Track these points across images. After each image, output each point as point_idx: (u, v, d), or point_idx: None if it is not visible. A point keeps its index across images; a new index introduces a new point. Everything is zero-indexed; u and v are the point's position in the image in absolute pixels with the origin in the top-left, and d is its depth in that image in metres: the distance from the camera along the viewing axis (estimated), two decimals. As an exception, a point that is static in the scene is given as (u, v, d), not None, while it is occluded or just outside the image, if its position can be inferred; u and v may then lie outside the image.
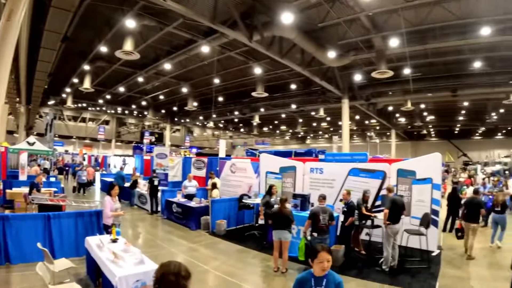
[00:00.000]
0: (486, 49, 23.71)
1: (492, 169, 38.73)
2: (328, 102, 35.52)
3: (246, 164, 17.20)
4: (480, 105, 42.23)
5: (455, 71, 27.98)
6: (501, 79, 28.31)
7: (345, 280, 8.51)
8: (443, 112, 48.07)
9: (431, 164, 11.97)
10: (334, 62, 23.90)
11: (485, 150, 61.82)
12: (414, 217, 11.65)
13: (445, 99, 35.10)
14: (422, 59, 25.42)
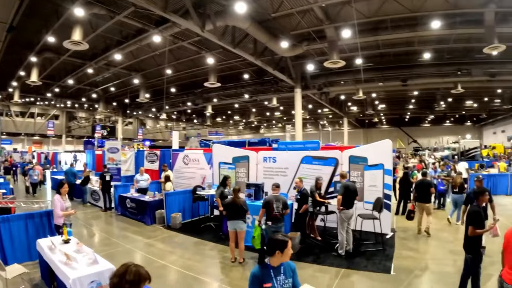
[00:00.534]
0: (435, 41, 24.60)
1: (441, 154, 40.11)
2: (281, 91, 35.66)
3: (199, 155, 16.97)
4: (430, 94, 44.06)
5: (405, 61, 28.80)
6: (449, 70, 29.44)
7: (302, 267, 8.72)
8: (394, 100, 49.61)
9: (382, 150, 12.25)
10: (287, 52, 23.90)
11: (434, 137, 64.83)
12: (367, 201, 11.95)
13: (396, 88, 35.92)
14: (374, 50, 26.02)
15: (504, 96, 46.00)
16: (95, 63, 28.88)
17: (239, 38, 21.97)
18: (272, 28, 21.47)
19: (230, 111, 60.24)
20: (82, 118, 60.24)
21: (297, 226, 11.02)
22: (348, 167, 12.64)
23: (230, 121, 70.38)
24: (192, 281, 8.26)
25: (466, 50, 27.21)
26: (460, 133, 61.81)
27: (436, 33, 21.91)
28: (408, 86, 33.26)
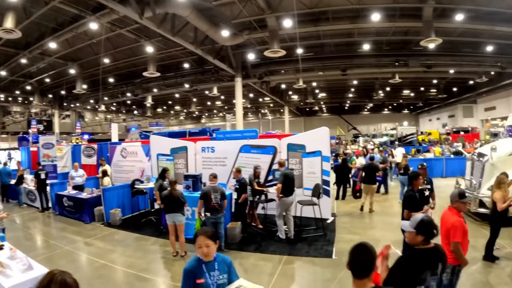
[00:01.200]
0: (375, 33, 25.36)
1: (379, 141, 41.38)
2: (221, 80, 35.24)
3: (136, 147, 16.60)
4: (369, 84, 45.41)
5: (345, 52, 29.45)
6: (388, 61, 30.62)
7: (245, 256, 8.71)
8: (334, 89, 50.75)
9: (320, 138, 12.50)
10: (227, 41, 23.68)
11: (373, 124, 67.13)
12: (306, 188, 12.19)
13: (336, 77, 36.75)
14: (315, 40, 26.29)
15: (439, 86, 48.35)
16: (29, 52, 27.22)
17: (179, 26, 21.45)
18: (213, 16, 21.15)
19: (170, 101, 59.12)
20: (17, 113, 56.71)
21: (238, 215, 10.96)
22: (287, 155, 12.79)
23: (171, 111, 69.17)
24: (134, 279, 7.99)
25: (404, 42, 28.44)
26: (397, 120, 64.06)
27: (376, 26, 22.65)
28: (347, 75, 34.20)
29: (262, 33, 22.89)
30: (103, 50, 26.30)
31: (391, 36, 26.13)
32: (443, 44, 23.62)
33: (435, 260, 3.91)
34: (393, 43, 28.57)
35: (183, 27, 21.60)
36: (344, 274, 7.52)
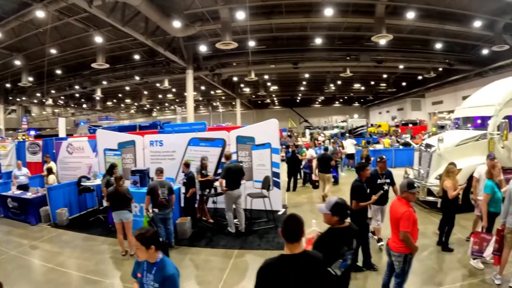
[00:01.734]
0: (327, 27, 25.62)
1: (330, 133, 41.97)
2: (173, 73, 34.71)
3: (83, 143, 15.87)
4: (320, 77, 46.13)
5: (297, 45, 29.64)
6: (339, 55, 31.17)
7: (195, 252, 8.58)
8: (286, 82, 51.15)
9: (269, 130, 12.54)
10: (179, 32, 23.23)
11: (324, 116, 68.11)
12: (256, 181, 12.18)
13: (288, 70, 36.96)
14: (267, 33, 26.29)
15: (389, 81, 49.87)
16: (-29, 42, 25.99)
17: (130, 16, 20.84)
18: (165, 6, 20.71)
19: (121, 94, 57.59)
20: (-39, 110, 54.06)
21: (187, 210, 10.80)
22: (236, 148, 12.77)
23: (121, 105, 67.30)
24: (83, 282, 7.65)
25: (356, 37, 28.95)
26: (348, 113, 65.37)
27: (329, 20, 23.07)
28: (299, 68, 34.53)
29: (215, 24, 22.71)
30: (50, 40, 25.18)
31: (343, 31, 26.59)
32: (394, 40, 24.51)
33: (350, 237, 4.36)
34: (345, 38, 29.03)
35: (133, 17, 21.03)
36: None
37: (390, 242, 5.68)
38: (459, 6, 22.16)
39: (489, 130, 12.18)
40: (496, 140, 12.00)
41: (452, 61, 34.03)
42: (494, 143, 11.98)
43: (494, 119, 12.20)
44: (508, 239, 6.50)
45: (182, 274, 7.51)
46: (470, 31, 25.77)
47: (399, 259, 5.48)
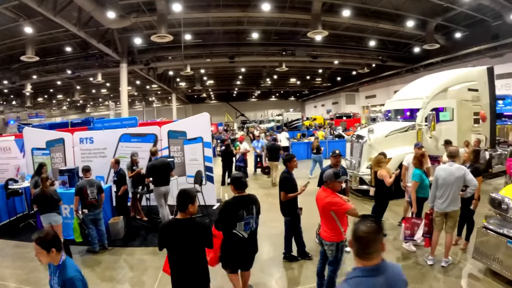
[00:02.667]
0: (264, 22, 25.81)
1: (266, 126, 42.51)
2: (106, 66, 33.14)
3: (10, 142, 14.65)
4: (256, 72, 46.39)
5: (234, 40, 29.53)
6: (275, 50, 31.55)
7: (130, 252, 8.49)
8: (222, 76, 50.90)
9: (200, 124, 12.60)
10: (114, 24, 22.23)
11: (260, 110, 68.35)
12: (189, 176, 12.18)
13: (224, 65, 36.78)
14: (204, 26, 26.00)
15: (324, 76, 51.24)
16: None
17: (62, 5, 19.63)
18: (99, -4, 19.86)
19: (52, 90, 53.89)
20: None
21: (119, 209, 10.43)
22: (168, 143, 12.67)
23: (53, 101, 63.39)
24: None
25: (292, 33, 29.40)
26: (284, 107, 66.20)
27: (266, 15, 23.13)
28: (235, 63, 34.35)
29: (151, 16, 22.13)
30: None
31: (280, 26, 26.80)
32: (329, 36, 25.12)
33: (248, 202, 5.57)
34: (281, 33, 29.30)
35: (66, 6, 19.89)
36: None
37: (322, 232, 5.80)
38: (394, 6, 23.22)
39: (418, 121, 13.33)
40: (424, 131, 13.18)
41: (385, 58, 35.78)
42: (422, 133, 13.12)
43: (422, 111, 13.41)
44: (437, 222, 7.07)
45: (117, 277, 7.47)
46: (403, 30, 27.22)
47: (332, 248, 5.63)
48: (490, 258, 6.40)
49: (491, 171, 14.83)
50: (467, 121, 14.01)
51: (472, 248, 7.01)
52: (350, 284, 2.56)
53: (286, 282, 7.02)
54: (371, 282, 2.54)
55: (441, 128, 13.35)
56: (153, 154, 10.66)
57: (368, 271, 2.58)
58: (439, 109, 13.62)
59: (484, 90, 14.75)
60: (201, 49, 30.40)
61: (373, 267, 2.59)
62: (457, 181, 6.74)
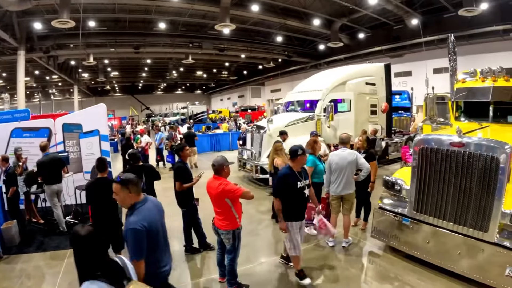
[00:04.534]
0: (173, 13, 25.38)
1: (170, 119, 42.20)
2: (2, 54, 30.23)
3: None
4: (162, 63, 45.74)
5: (140, 29, 28.55)
6: (182, 41, 31.12)
7: (26, 259, 7.89)
8: (127, 68, 49.12)
9: (97, 116, 12.03)
10: (13, 5, 19.80)
11: (166, 103, 67.32)
12: (86, 172, 11.54)
13: (129, 55, 35.56)
14: (110, 13, 24.77)
15: (231, 69, 51.89)
16: None
17: None
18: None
19: None
20: None
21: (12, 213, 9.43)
22: (63, 136, 11.84)
23: None
24: None
25: (200, 25, 29.22)
26: (190, 100, 65.29)
27: (174, 5, 22.81)
28: (140, 53, 33.36)
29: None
30: None
31: (188, 18, 26.39)
32: (237, 30, 25.39)
33: (140, 170, 7.17)
34: (189, 24, 28.89)
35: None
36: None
37: (216, 221, 5.79)
38: (303, 4, 23.97)
39: (317, 112, 14.15)
40: (323, 121, 14.08)
41: (291, 53, 37.10)
42: (321, 123, 13.95)
43: (321, 102, 14.26)
44: (334, 205, 7.52)
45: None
46: (309, 28, 28.31)
47: (228, 236, 5.68)
48: (388, 236, 6.98)
49: (388, 158, 16.60)
50: (365, 112, 15.30)
51: (371, 228, 7.46)
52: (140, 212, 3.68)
53: (188, 274, 6.97)
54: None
55: (339, 118, 14.46)
56: (42, 150, 9.79)
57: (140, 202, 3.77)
58: (338, 101, 14.79)
59: (381, 85, 16.24)
60: (106, 38, 28.94)
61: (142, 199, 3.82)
62: (350, 165, 7.19)
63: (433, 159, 6.19)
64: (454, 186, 5.92)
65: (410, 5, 24.02)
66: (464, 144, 5.74)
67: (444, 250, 6.10)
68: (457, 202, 5.91)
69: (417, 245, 6.50)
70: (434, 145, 6.17)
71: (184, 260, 7.49)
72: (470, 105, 8.43)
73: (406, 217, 6.67)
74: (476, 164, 5.62)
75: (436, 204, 6.21)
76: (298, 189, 5.88)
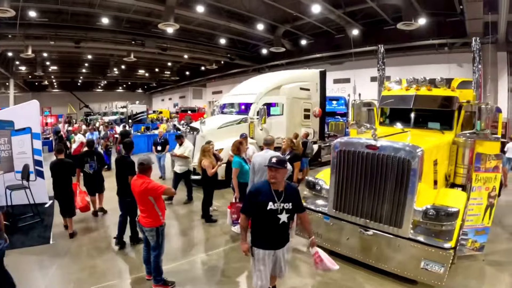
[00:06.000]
0: (117, 8, 24.79)
1: (109, 118, 41.16)
2: None
3: None
4: (104, 60, 44.31)
5: (82, 23, 27.53)
6: (124, 38, 30.52)
7: None
8: (66, 63, 47.09)
9: (29, 113, 11.65)
10: None
11: (106, 102, 65.39)
12: (17, 171, 10.97)
13: (69, 49, 34.13)
14: (52, 4, 23.79)
15: (173, 69, 51.42)
16: None
17: None
18: None
19: None
20: None
21: None
22: None
23: None
24: None
25: (144, 22, 28.73)
26: (131, 99, 64.08)
27: (120, 0, 22.42)
28: (81, 48, 32.34)
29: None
30: None
31: (132, 14, 25.98)
32: (181, 30, 25.47)
33: (86, 156, 9.67)
34: (133, 21, 28.43)
35: None
36: (65, 258, 7.58)
37: (141, 218, 6.02)
38: (247, 8, 24.29)
39: (250, 115, 14.71)
40: (256, 124, 14.64)
41: (234, 56, 37.59)
42: (254, 126, 14.43)
43: (254, 105, 14.71)
44: None
45: None
46: (253, 32, 28.57)
47: (152, 233, 5.91)
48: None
49: (321, 160, 17.43)
50: (298, 116, 16.20)
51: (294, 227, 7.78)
52: None
53: (118, 272, 7.06)
54: None
55: (271, 121, 15.06)
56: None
57: None
58: (272, 104, 15.23)
59: (316, 90, 17.21)
60: (46, 30, 27.57)
61: None
62: None
63: (350, 161, 6.69)
64: (370, 186, 6.47)
65: (352, 16, 25.04)
66: (378, 147, 6.27)
67: (363, 246, 6.60)
68: (373, 200, 6.44)
69: (338, 242, 6.98)
70: (351, 147, 6.71)
71: (115, 255, 7.71)
72: (395, 111, 9.18)
73: (326, 215, 7.17)
74: (389, 165, 6.15)
75: (354, 202, 6.72)
76: (268, 211, 4.65)
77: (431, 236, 5.91)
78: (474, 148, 7.66)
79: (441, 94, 8.49)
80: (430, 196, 6.46)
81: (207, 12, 23.86)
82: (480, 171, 6.93)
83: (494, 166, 6.96)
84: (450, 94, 8.41)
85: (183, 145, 11.77)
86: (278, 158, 4.79)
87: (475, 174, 6.96)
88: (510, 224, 9.74)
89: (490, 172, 6.96)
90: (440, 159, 7.27)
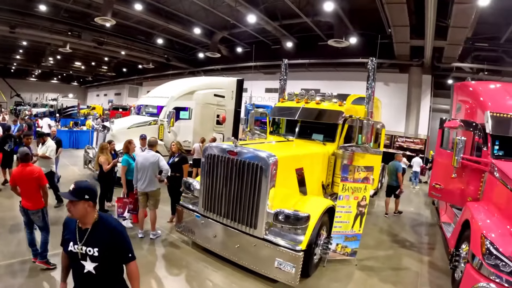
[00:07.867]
0: None
1: (38, 111, 39.80)
2: None
3: None
4: (39, 48, 42.75)
5: (19, 7, 26.84)
6: (62, 28, 30.03)
7: None
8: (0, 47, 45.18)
9: None
10: None
11: (39, 92, 62.49)
12: None
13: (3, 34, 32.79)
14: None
15: (110, 65, 51.45)
16: None
17: None
18: None
19: None
20: None
21: None
22: None
23: None
24: None
25: (83, 14, 28.30)
26: (66, 91, 63.13)
27: None
28: (16, 34, 31.33)
29: None
30: None
31: (72, 4, 25.57)
32: (119, 26, 25.64)
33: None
34: (72, 11, 27.86)
35: None
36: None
37: (25, 204, 6.38)
38: (187, 12, 24.99)
39: (161, 117, 15.48)
40: (165, 126, 15.31)
41: (171, 57, 38.47)
42: (163, 128, 15.27)
43: (165, 108, 15.59)
44: (141, 201, 8.46)
45: None
46: (191, 35, 29.22)
47: (38, 215, 6.41)
48: (187, 230, 8.01)
49: None
50: (210, 121, 16.92)
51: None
52: None
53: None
54: None
55: (180, 125, 15.80)
56: None
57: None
58: (185, 109, 16.03)
59: (231, 98, 18.01)
60: None
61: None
62: (151, 165, 8.21)
63: (214, 164, 7.35)
64: (230, 188, 7.09)
65: (287, 29, 26.15)
66: (237, 153, 6.93)
67: (226, 243, 7.18)
68: (233, 202, 7.06)
69: (208, 238, 7.53)
70: (216, 152, 7.33)
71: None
72: (286, 122, 10.09)
73: (198, 214, 7.75)
74: (246, 170, 6.82)
75: (218, 203, 7.34)
76: (70, 253, 3.36)
77: (283, 237, 6.47)
78: (353, 160, 8.36)
79: (327, 108, 9.39)
80: (292, 201, 7.22)
81: (146, 10, 24.16)
82: (347, 181, 7.59)
83: (363, 177, 7.68)
84: (336, 108, 9.33)
85: (45, 144, 10.49)
86: (76, 186, 3.28)
87: (343, 183, 7.62)
88: (396, 232, 10.62)
89: (359, 183, 7.65)
90: (311, 168, 8.13)
